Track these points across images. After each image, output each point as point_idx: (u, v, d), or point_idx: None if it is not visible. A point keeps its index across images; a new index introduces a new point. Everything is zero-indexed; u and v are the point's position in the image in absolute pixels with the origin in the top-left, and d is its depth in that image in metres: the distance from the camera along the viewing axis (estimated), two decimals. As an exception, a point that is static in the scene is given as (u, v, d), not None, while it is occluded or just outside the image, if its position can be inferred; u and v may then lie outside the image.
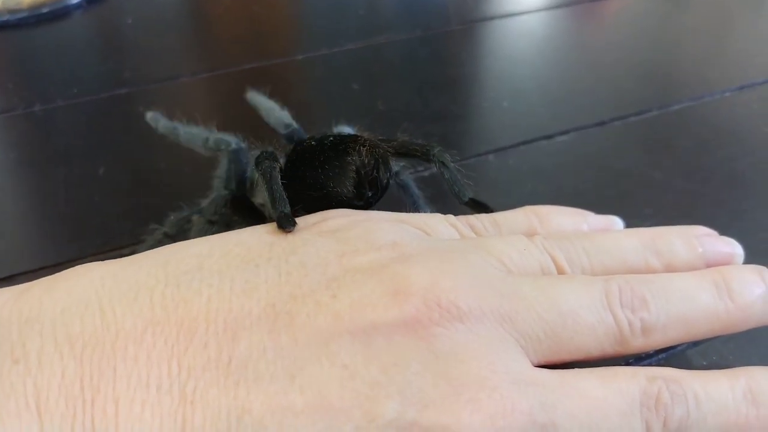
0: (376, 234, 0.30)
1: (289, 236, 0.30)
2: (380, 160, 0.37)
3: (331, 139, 0.38)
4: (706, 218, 0.51)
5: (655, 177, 0.56)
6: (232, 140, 0.46)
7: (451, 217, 0.35)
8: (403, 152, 0.40)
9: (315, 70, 0.75)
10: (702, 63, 0.75)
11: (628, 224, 0.50)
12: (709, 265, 0.33)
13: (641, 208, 0.52)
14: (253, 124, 0.50)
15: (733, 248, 0.33)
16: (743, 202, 0.53)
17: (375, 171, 0.36)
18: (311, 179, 0.35)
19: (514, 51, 0.79)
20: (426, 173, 0.54)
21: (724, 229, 0.49)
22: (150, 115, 0.51)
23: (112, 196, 0.56)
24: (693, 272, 0.32)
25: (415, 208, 0.44)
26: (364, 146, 0.36)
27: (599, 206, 0.52)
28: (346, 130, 0.48)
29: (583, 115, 0.64)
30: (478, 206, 0.41)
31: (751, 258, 0.46)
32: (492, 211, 0.38)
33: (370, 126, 0.46)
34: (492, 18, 0.85)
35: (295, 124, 0.49)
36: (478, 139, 0.62)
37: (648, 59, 0.76)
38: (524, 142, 0.60)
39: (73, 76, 0.74)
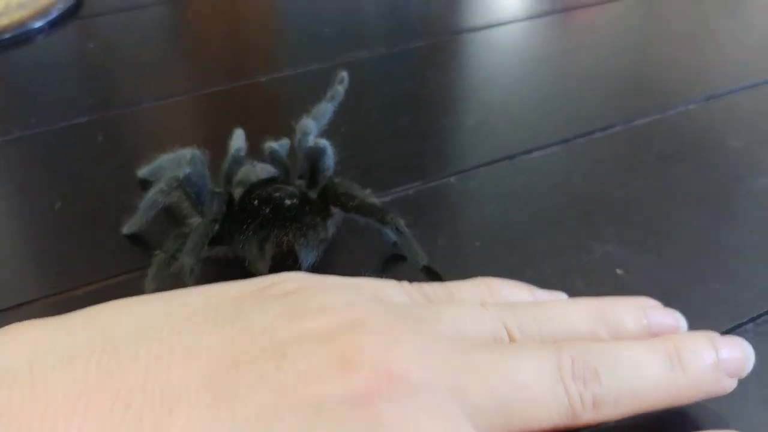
0: (328, 298, 0.30)
1: (238, 299, 0.29)
2: (303, 238, 0.42)
3: (267, 210, 0.43)
4: (669, 239, 0.51)
5: (619, 196, 0.56)
6: (178, 173, 0.46)
7: (405, 284, 0.35)
8: (360, 213, 0.45)
9: (279, 91, 0.74)
10: (669, 75, 0.75)
11: (589, 245, 0.50)
12: (654, 335, 0.33)
13: (603, 229, 0.52)
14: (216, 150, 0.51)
15: (678, 321, 0.34)
16: (707, 220, 0.53)
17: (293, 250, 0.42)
18: (236, 242, 0.43)
19: (479, 67, 0.79)
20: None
21: (687, 250, 0.49)
22: (126, 229, 0.52)
23: (68, 232, 0.55)
24: (645, 342, 0.32)
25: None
26: (285, 234, 0.42)
27: (561, 228, 0.52)
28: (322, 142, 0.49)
29: (546, 133, 0.64)
30: (432, 274, 0.45)
31: (715, 275, 0.46)
32: (443, 280, 0.42)
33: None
34: (459, 32, 0.85)
35: (242, 151, 0.52)
36: (441, 161, 0.61)
37: (615, 72, 0.76)
38: (487, 163, 0.60)
39: (32, 104, 0.73)
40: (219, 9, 0.93)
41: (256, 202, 0.45)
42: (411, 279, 0.37)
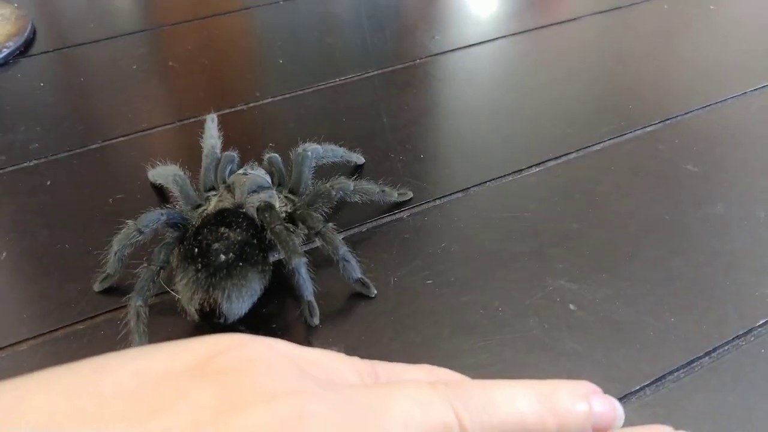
0: (270, 384, 0.26)
1: (164, 379, 0.25)
2: (228, 293, 0.44)
3: (201, 257, 0.45)
4: (623, 271, 0.51)
5: (572, 228, 0.56)
6: (156, 218, 0.49)
7: (357, 361, 0.33)
8: (299, 219, 0.51)
9: (235, 123, 0.74)
10: (627, 97, 0.75)
11: (542, 280, 0.50)
12: (595, 426, 0.33)
13: (556, 263, 0.52)
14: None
15: (616, 410, 0.33)
16: (661, 250, 0.53)
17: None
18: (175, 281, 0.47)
19: (434, 97, 0.79)
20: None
21: (641, 282, 0.49)
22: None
23: (15, 282, 0.54)
24: None
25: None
26: (212, 287, 0.45)
27: (514, 263, 0.52)
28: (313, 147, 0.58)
29: (500, 163, 0.64)
30: (365, 287, 0.49)
31: (669, 308, 0.46)
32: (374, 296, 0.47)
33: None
34: (411, 60, 0.85)
35: (216, 147, 0.61)
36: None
37: (572, 95, 0.76)
38: (440, 197, 0.60)
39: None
40: (185, 40, 0.93)
41: (196, 244, 0.46)
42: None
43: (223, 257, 0.45)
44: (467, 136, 0.69)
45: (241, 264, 0.45)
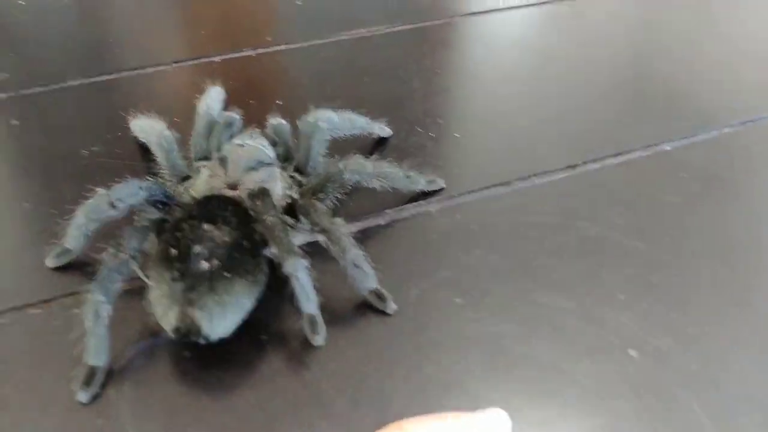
0: None
1: None
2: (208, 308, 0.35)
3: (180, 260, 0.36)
4: (693, 310, 0.42)
5: (636, 247, 0.47)
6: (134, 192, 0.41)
7: None
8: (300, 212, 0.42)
9: (273, 65, 0.64)
10: (704, 88, 0.65)
11: (596, 314, 0.41)
12: None
13: (614, 293, 0.43)
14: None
15: None
16: (736, 285, 0.45)
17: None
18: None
19: (474, 63, 0.70)
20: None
21: (711, 327, 0.40)
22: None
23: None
24: None
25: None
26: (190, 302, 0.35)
27: (561, 288, 0.42)
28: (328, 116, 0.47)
29: (549, 153, 0.55)
30: (381, 300, 0.41)
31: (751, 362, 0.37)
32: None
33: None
34: (452, 16, 0.75)
35: (214, 110, 0.51)
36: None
37: (641, 81, 0.67)
38: (476, 190, 0.51)
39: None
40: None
41: (174, 241, 0.37)
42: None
43: (205, 265, 0.36)
44: (511, 114, 0.60)
45: (226, 274, 0.36)
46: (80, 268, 0.43)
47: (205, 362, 0.38)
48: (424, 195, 0.50)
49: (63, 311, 0.41)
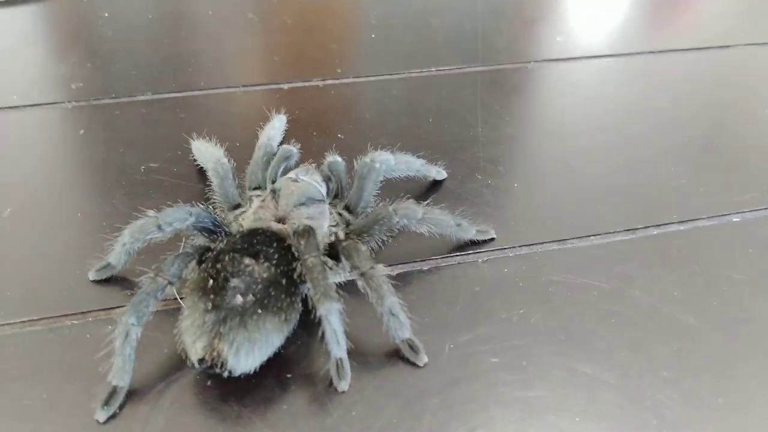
0: None
1: None
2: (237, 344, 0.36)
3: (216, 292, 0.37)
4: (744, 401, 0.40)
5: (688, 323, 0.45)
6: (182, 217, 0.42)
7: None
8: (342, 253, 0.41)
9: (306, 101, 0.66)
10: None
11: (637, 392, 0.40)
12: None
13: (659, 370, 0.42)
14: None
15: None
16: None
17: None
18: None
19: (544, 112, 0.69)
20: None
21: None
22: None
23: (8, 249, 0.48)
24: None
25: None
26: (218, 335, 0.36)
27: (603, 359, 0.41)
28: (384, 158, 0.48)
29: (609, 215, 0.53)
30: (413, 351, 0.40)
31: None
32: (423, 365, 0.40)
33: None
34: (524, 62, 0.74)
35: (275, 141, 0.53)
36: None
37: (713, 146, 0.64)
38: (530, 243, 0.50)
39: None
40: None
41: (213, 272, 0.38)
42: None
43: (239, 299, 0.36)
44: (575, 168, 0.59)
45: (260, 311, 0.36)
46: (120, 284, 0.45)
47: (226, 393, 0.38)
48: (474, 244, 0.49)
49: (97, 326, 0.42)
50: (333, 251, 0.43)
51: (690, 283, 0.48)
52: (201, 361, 0.36)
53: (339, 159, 0.49)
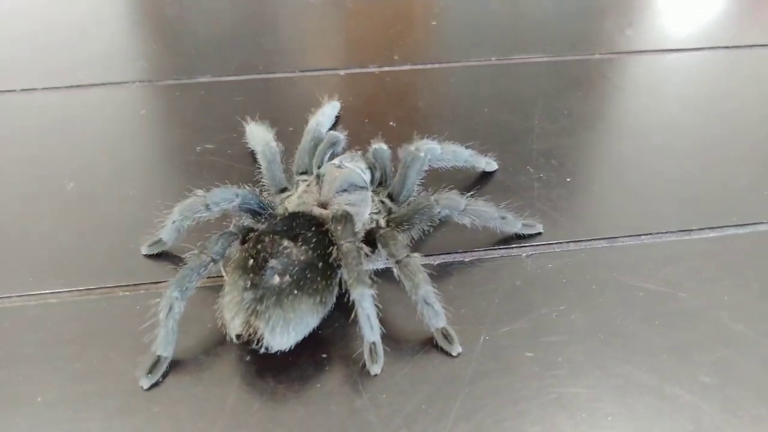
0: None
1: None
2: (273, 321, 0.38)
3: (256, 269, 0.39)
4: None
5: (736, 330, 0.44)
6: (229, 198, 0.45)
7: None
8: (379, 241, 0.42)
9: (359, 87, 0.67)
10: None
11: (674, 398, 0.39)
12: None
13: (699, 375, 0.41)
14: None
15: None
16: None
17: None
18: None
19: (604, 107, 0.68)
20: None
21: None
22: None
23: (68, 221, 0.51)
24: None
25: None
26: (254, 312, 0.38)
27: (644, 360, 0.41)
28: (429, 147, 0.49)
29: (663, 214, 0.53)
30: (447, 340, 0.41)
31: None
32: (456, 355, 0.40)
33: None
34: (589, 54, 0.74)
35: (324, 126, 0.54)
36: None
37: None
38: (578, 240, 0.50)
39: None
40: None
41: (253, 253, 0.40)
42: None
43: (276, 279, 0.38)
44: (631, 167, 0.58)
45: (296, 292, 0.38)
46: (170, 259, 0.47)
47: (263, 369, 0.40)
48: (519, 238, 0.50)
49: (146, 298, 0.44)
50: (371, 238, 0.44)
51: (743, 289, 0.47)
52: (239, 336, 0.38)
53: (384, 146, 0.50)
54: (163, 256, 0.48)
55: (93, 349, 0.42)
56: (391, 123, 0.59)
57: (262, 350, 0.38)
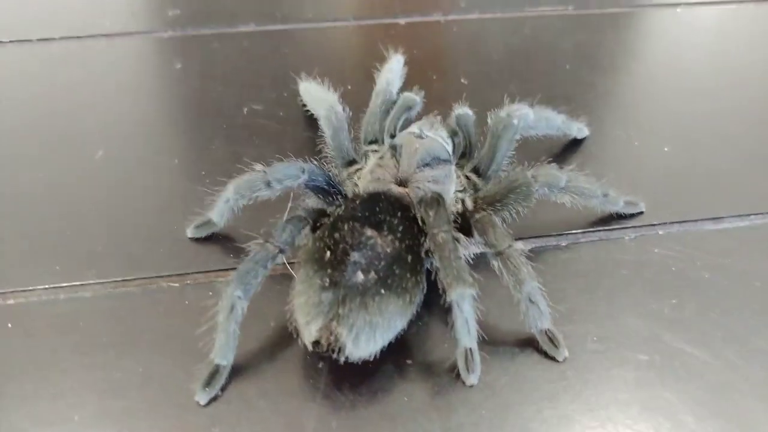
0: None
1: None
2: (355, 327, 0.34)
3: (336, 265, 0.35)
4: None
5: None
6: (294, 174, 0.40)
7: None
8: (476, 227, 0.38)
9: (424, 40, 0.62)
10: None
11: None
12: None
13: None
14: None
15: None
16: None
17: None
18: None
19: (715, 60, 0.63)
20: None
21: None
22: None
23: (96, 196, 0.47)
24: None
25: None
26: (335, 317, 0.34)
27: None
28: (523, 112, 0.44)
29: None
30: (553, 343, 0.37)
31: None
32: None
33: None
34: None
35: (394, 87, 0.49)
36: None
37: None
38: (683, 220, 0.46)
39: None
40: None
41: (330, 242, 0.36)
42: None
43: (360, 277, 0.34)
44: (742, 135, 0.54)
45: (382, 291, 0.34)
46: (222, 243, 0.43)
47: (339, 379, 0.36)
48: (618, 217, 0.46)
49: (196, 290, 0.40)
50: (463, 223, 0.40)
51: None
52: (315, 344, 0.34)
53: (469, 112, 0.46)
54: (212, 240, 0.44)
55: (135, 354, 0.37)
56: (462, 80, 0.55)
57: (342, 359, 0.34)
